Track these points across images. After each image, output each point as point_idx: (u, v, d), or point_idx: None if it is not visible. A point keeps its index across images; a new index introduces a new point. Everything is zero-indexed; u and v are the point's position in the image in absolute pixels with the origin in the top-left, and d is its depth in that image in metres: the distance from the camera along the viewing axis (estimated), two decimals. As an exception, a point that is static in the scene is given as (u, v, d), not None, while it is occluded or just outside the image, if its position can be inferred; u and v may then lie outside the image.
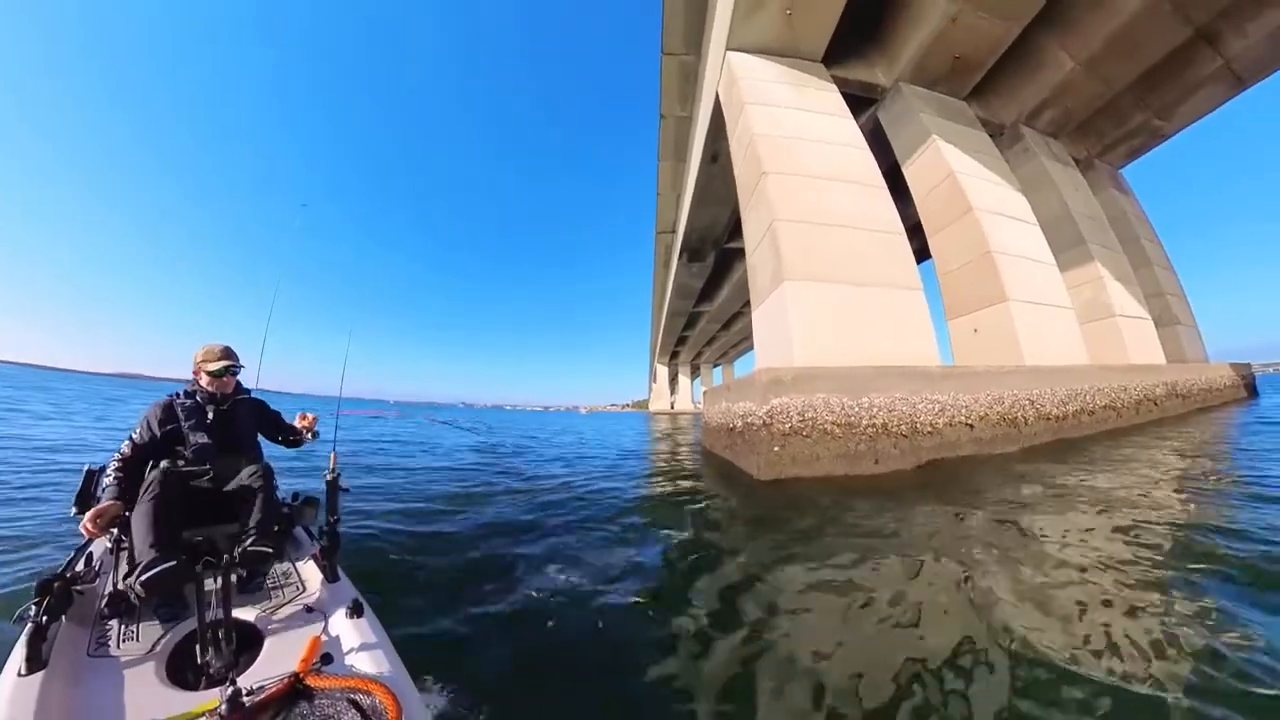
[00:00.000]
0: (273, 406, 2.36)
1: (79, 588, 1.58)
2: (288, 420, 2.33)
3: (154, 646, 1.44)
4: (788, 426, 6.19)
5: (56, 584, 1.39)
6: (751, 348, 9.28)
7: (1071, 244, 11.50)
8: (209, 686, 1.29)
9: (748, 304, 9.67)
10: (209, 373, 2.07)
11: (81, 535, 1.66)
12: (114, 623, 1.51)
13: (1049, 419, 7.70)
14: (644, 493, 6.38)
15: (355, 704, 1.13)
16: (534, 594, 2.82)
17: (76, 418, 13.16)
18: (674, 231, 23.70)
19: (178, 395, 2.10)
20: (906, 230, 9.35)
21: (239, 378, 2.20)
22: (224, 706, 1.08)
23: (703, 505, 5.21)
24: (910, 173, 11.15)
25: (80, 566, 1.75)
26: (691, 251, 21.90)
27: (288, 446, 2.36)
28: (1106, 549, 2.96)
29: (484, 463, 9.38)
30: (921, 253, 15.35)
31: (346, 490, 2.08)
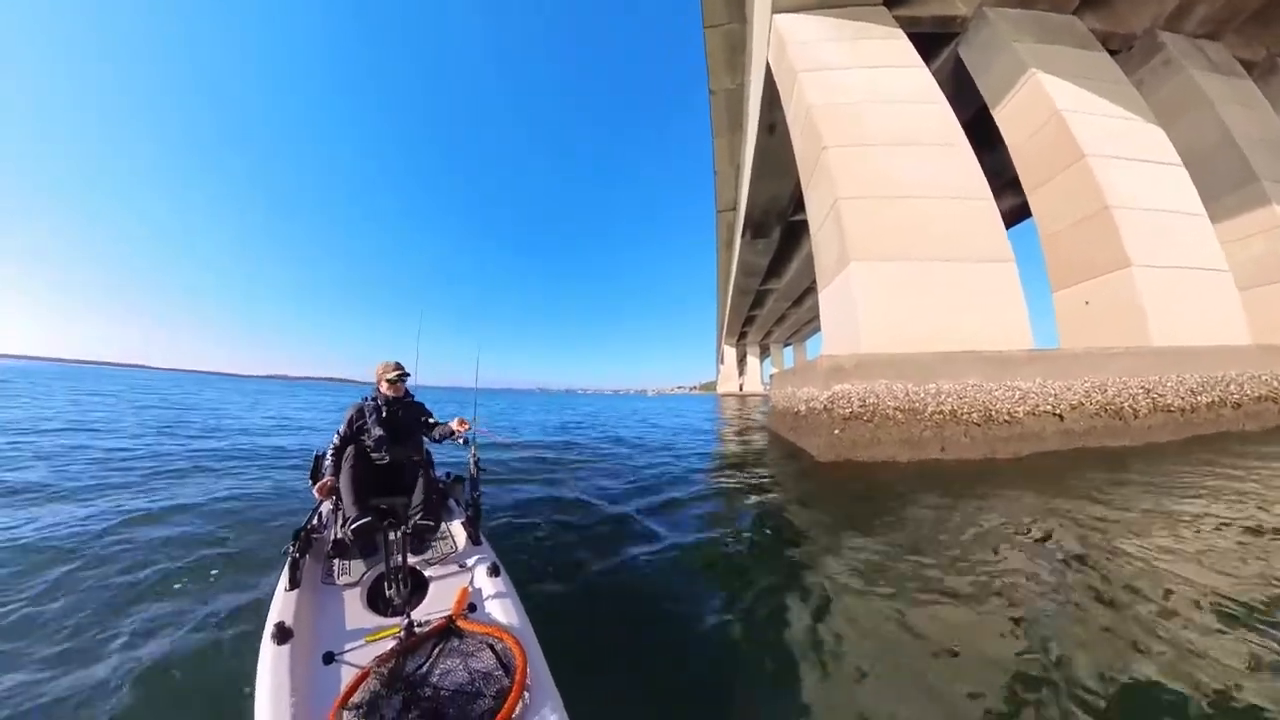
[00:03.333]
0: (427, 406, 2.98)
1: (315, 535, 2.18)
2: (436, 420, 2.84)
3: (359, 579, 1.96)
4: (848, 411, 6.21)
5: (302, 533, 2.01)
6: (823, 326, 8.87)
7: (1236, 183, 9.02)
8: (393, 615, 1.75)
9: (818, 278, 9.18)
10: (388, 381, 2.71)
11: (314, 499, 2.49)
12: (336, 561, 2.09)
13: (1169, 411, 6.36)
14: (713, 467, 6.81)
15: (491, 647, 1.40)
16: (616, 553, 3.25)
17: (259, 409, 16.09)
18: (735, 209, 22.66)
19: (367, 399, 2.74)
20: (1002, 186, 8.04)
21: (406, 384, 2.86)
22: (403, 632, 1.46)
23: (763, 480, 5.58)
24: (1002, 117, 9.53)
25: (315, 521, 2.34)
26: (755, 228, 20.83)
27: (433, 441, 2.87)
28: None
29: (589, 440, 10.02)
30: (1019, 210, 13.19)
31: (485, 471, 2.66)
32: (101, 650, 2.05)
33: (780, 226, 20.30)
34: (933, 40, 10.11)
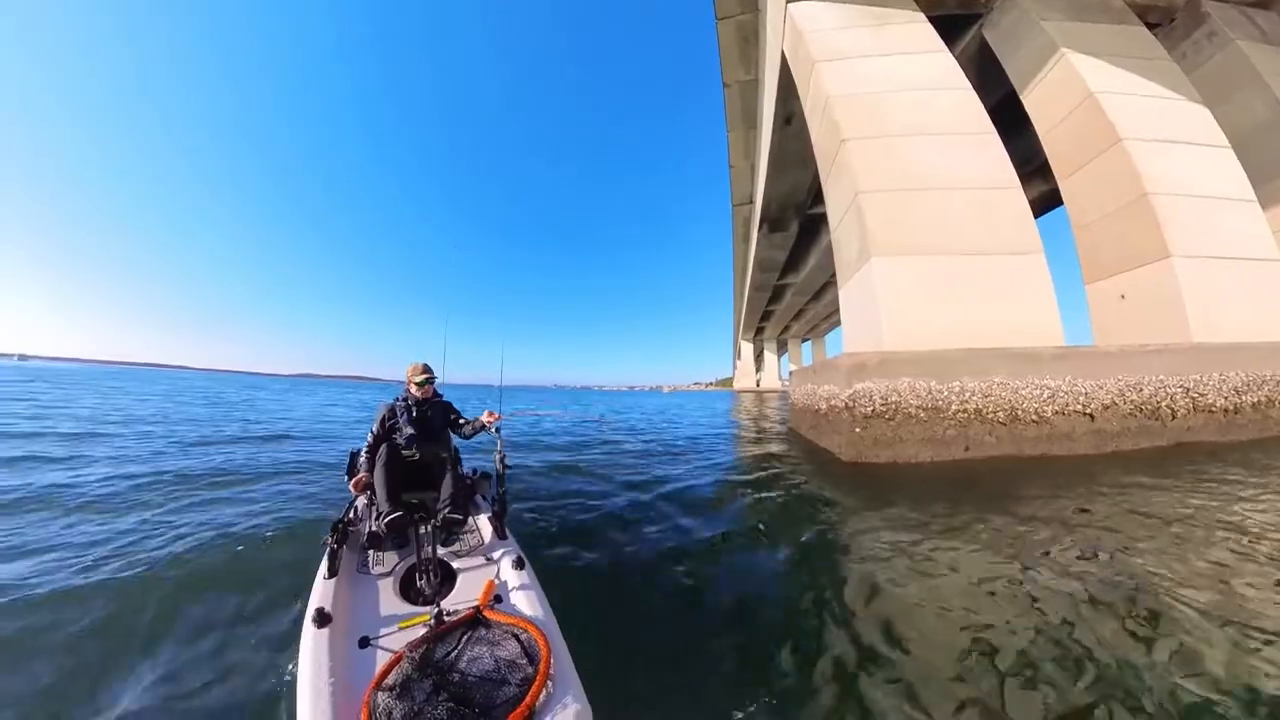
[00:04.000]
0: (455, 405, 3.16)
1: (351, 528, 2.31)
2: (466, 417, 3.03)
3: (393, 570, 2.06)
4: (869, 409, 6.12)
5: (340, 525, 2.13)
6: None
7: (1288, 162, 8.50)
8: (423, 604, 1.82)
9: (837, 273, 8.98)
10: (416, 383, 2.84)
11: (350, 493, 2.62)
12: (371, 552, 2.18)
13: (1211, 411, 6.04)
14: (731, 466, 6.84)
15: (516, 638, 1.47)
16: (636, 542, 3.43)
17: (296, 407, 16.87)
18: (751, 203, 22.40)
19: (399, 399, 2.88)
20: (1030, 174, 7.72)
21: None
22: (432, 620, 1.55)
23: (782, 479, 5.62)
24: (1031, 101, 9.16)
25: (351, 514, 2.47)
26: (772, 222, 20.56)
27: (462, 438, 3.03)
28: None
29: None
30: (1049, 199, 12.65)
31: (511, 468, 2.79)
32: (145, 614, 2.29)
33: (798, 220, 19.98)
34: (955, 22, 9.79)
